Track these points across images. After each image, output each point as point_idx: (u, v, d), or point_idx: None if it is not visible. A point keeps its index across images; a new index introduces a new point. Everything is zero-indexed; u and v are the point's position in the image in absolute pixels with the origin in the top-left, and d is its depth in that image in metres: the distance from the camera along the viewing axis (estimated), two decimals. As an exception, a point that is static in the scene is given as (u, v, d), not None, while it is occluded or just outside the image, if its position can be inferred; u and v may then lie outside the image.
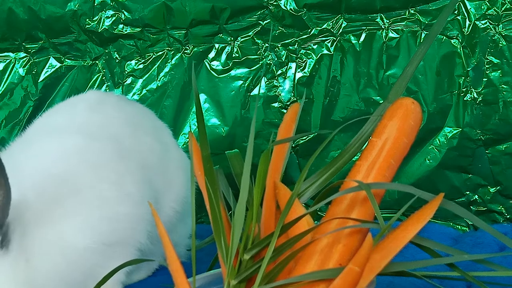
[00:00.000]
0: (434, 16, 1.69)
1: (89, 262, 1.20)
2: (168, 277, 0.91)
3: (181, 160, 1.51)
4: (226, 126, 1.82)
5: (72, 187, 1.21)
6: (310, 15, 1.75)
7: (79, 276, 1.19)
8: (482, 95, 1.67)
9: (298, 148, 1.80)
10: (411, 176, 1.74)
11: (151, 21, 1.81)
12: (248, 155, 0.90)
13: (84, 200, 1.21)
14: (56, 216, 1.17)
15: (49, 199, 1.16)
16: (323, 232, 0.89)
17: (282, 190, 0.95)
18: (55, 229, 1.16)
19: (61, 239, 1.16)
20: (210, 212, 0.92)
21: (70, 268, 1.17)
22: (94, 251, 1.20)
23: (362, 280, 0.81)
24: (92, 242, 1.20)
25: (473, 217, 0.87)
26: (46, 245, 1.14)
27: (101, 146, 1.32)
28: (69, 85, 1.92)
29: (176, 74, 1.85)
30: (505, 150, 1.69)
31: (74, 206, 1.19)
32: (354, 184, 0.90)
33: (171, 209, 1.43)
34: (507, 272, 0.85)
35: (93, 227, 1.21)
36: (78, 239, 1.18)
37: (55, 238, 1.15)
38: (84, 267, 1.20)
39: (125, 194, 1.28)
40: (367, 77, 1.73)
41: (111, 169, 1.29)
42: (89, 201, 1.22)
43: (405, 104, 0.96)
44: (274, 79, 1.79)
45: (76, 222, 1.18)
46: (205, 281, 1.00)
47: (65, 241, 1.16)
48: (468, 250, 1.49)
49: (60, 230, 1.16)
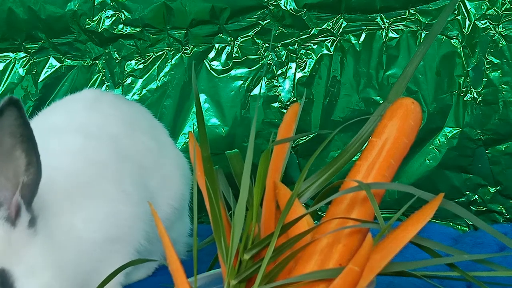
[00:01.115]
0: (434, 16, 1.69)
1: (95, 254, 1.21)
2: (168, 277, 0.91)
3: (177, 158, 1.52)
4: (226, 126, 1.82)
5: (77, 182, 1.22)
6: (310, 15, 1.75)
7: (90, 267, 1.20)
8: (482, 95, 1.67)
9: (298, 148, 1.80)
10: (411, 176, 1.74)
11: (151, 21, 1.81)
12: (249, 155, 0.90)
13: (89, 195, 1.23)
14: (67, 208, 1.18)
15: (58, 191, 1.17)
16: (323, 232, 0.89)
17: (282, 190, 0.95)
18: (69, 219, 1.17)
19: (75, 228, 1.17)
20: (210, 212, 0.92)
21: (83, 258, 1.18)
22: (100, 245, 1.22)
23: (362, 280, 0.81)
24: (99, 236, 1.21)
25: (473, 217, 0.87)
26: (64, 233, 1.15)
27: (100, 145, 1.32)
28: (69, 85, 1.92)
29: (176, 74, 1.85)
30: (505, 150, 1.69)
31: (82, 200, 1.21)
32: (354, 184, 0.90)
33: (169, 206, 1.44)
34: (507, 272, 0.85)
35: (98, 221, 1.22)
36: (87, 232, 1.19)
37: (71, 227, 1.16)
38: (92, 259, 1.21)
39: (124, 192, 1.29)
40: (367, 77, 1.73)
41: (111, 167, 1.30)
42: (94, 197, 1.23)
43: (405, 104, 0.96)
44: (274, 79, 1.79)
45: (84, 215, 1.19)
46: (205, 281, 1.00)
47: (79, 231, 1.17)
48: (468, 250, 1.49)
49: (71, 222, 1.17)
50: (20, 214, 1.06)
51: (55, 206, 1.15)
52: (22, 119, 0.99)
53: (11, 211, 1.05)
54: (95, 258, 1.21)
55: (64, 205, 1.17)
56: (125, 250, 1.29)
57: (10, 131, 0.99)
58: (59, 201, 1.17)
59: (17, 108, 0.97)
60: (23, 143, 1.01)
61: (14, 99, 0.97)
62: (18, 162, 1.02)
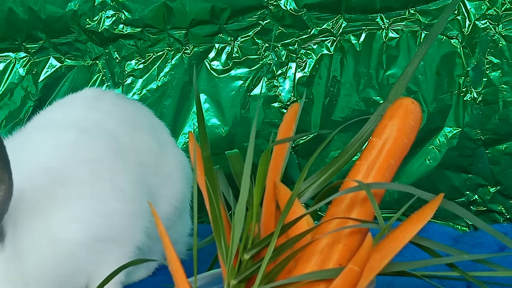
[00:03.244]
0: (434, 16, 1.69)
1: (78, 256, 1.20)
2: (168, 276, 0.91)
3: (178, 157, 1.51)
4: (226, 126, 1.82)
5: (64, 181, 1.21)
6: (310, 15, 1.75)
7: (68, 270, 1.19)
8: (482, 95, 1.67)
9: (298, 148, 1.80)
10: (411, 176, 1.74)
11: (151, 21, 1.81)
12: (249, 155, 0.90)
13: (76, 194, 1.21)
14: (47, 209, 1.16)
15: (41, 191, 1.16)
16: (323, 232, 0.89)
17: (282, 190, 0.95)
18: (45, 221, 1.15)
19: (51, 231, 1.16)
20: (210, 212, 0.92)
21: (58, 261, 1.16)
22: (85, 246, 1.20)
23: (362, 280, 0.81)
24: (83, 237, 1.19)
25: (473, 217, 0.87)
26: (35, 236, 1.14)
27: (95, 142, 1.32)
28: (69, 85, 1.92)
29: (176, 74, 1.85)
30: (505, 150, 1.69)
31: (66, 200, 1.19)
32: (354, 184, 0.90)
33: (170, 205, 1.44)
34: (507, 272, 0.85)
35: (84, 221, 1.20)
36: (67, 233, 1.17)
37: (45, 230, 1.15)
38: (73, 261, 1.19)
39: (119, 190, 1.27)
40: (367, 77, 1.73)
41: (105, 165, 1.29)
42: (81, 195, 1.21)
43: (405, 104, 0.96)
44: (274, 79, 1.79)
45: (66, 215, 1.18)
46: (205, 281, 1.00)
47: (54, 234, 1.16)
48: (468, 250, 1.49)
49: (50, 223, 1.16)
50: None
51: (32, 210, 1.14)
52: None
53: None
54: (79, 259, 1.20)
55: (43, 206, 1.16)
56: (122, 249, 1.28)
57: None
58: (38, 202, 1.16)
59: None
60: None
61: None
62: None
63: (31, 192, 1.14)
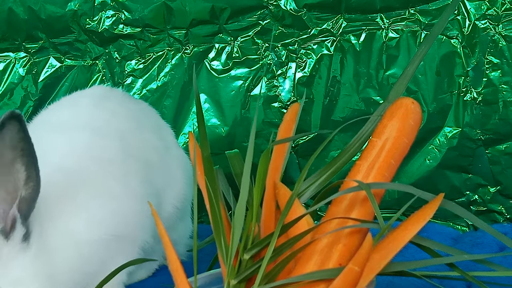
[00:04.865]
0: (434, 16, 1.69)
1: (100, 254, 1.21)
2: (168, 277, 0.91)
3: (181, 158, 1.51)
4: (226, 126, 1.82)
5: (81, 181, 1.22)
6: (310, 15, 1.75)
7: (91, 269, 1.19)
8: (482, 95, 1.67)
9: (298, 148, 1.80)
10: (411, 176, 1.74)
11: (151, 21, 1.82)
12: (249, 155, 0.90)
13: (94, 194, 1.22)
14: (68, 209, 1.17)
15: (60, 192, 1.17)
16: (323, 232, 0.89)
17: (282, 190, 0.95)
18: (68, 222, 1.16)
19: (74, 231, 1.16)
20: (210, 212, 0.92)
21: (82, 261, 1.17)
22: (105, 244, 1.21)
23: (362, 280, 0.81)
24: (103, 234, 1.20)
25: (473, 217, 0.87)
26: (60, 238, 1.14)
27: (107, 142, 1.32)
28: (69, 85, 1.92)
29: (176, 74, 1.85)
30: (505, 150, 1.69)
31: (85, 200, 1.20)
32: (354, 184, 0.90)
33: (172, 206, 1.44)
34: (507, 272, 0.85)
35: (103, 220, 1.21)
36: (89, 232, 1.18)
37: (68, 231, 1.16)
38: (96, 260, 1.20)
39: (131, 190, 1.28)
40: (367, 77, 1.73)
41: (117, 165, 1.30)
42: (98, 195, 1.22)
43: (405, 104, 0.96)
44: (274, 79, 1.79)
45: (87, 215, 1.19)
46: (205, 281, 1.00)
47: (77, 234, 1.17)
48: (468, 250, 1.49)
49: (72, 223, 1.16)
50: (15, 228, 1.05)
51: (53, 210, 1.15)
52: (24, 133, 0.99)
53: (7, 224, 1.05)
54: (99, 259, 1.21)
55: (64, 207, 1.17)
56: (131, 248, 1.29)
57: (11, 144, 0.99)
58: (59, 204, 1.16)
59: (18, 122, 0.97)
60: (24, 157, 1.01)
61: (16, 113, 0.97)
62: (18, 176, 1.02)
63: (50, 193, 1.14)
